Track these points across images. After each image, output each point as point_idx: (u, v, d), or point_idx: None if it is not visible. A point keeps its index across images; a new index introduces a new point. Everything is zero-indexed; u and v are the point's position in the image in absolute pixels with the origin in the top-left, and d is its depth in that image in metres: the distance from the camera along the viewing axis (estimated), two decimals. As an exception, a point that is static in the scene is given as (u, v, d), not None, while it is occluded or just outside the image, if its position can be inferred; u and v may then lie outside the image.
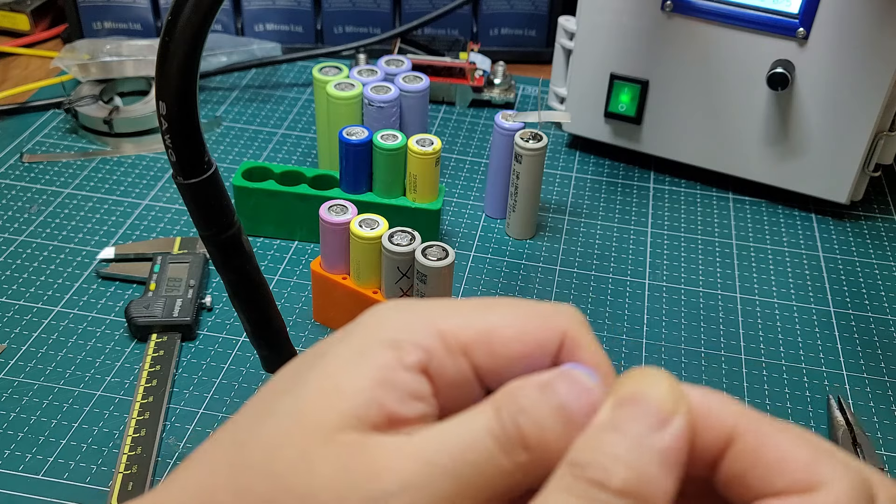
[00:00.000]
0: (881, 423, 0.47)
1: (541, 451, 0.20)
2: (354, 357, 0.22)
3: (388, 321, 0.22)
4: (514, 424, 0.20)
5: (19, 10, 0.79)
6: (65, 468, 0.42)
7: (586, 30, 0.62)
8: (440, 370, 0.22)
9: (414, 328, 0.22)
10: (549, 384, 0.20)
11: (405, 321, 0.22)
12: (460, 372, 0.22)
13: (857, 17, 0.54)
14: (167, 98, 0.31)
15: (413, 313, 0.23)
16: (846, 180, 0.59)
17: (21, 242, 0.56)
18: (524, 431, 0.20)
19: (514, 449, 0.20)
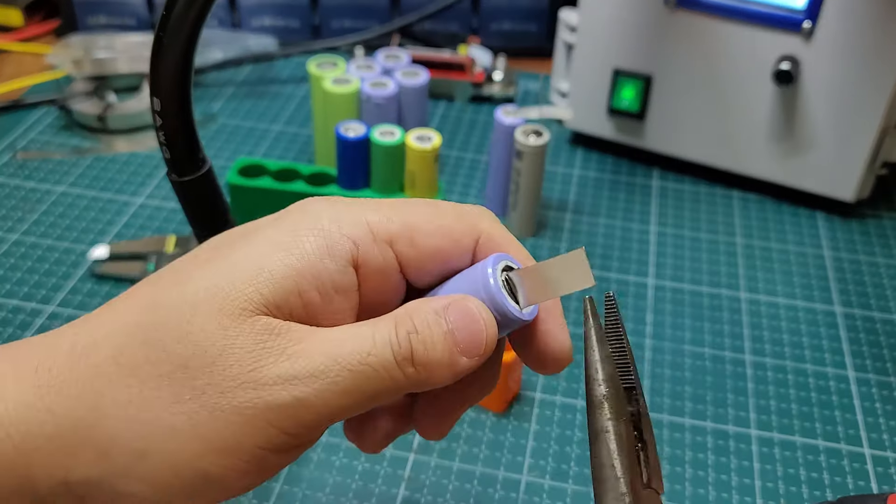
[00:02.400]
0: (887, 425, 0.46)
1: (426, 368, 0.23)
2: (283, 241, 0.24)
3: (320, 211, 0.24)
4: (407, 341, 0.22)
5: (12, 5, 0.78)
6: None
7: (588, 24, 0.61)
8: (367, 258, 0.24)
9: (344, 219, 0.24)
10: (442, 310, 0.23)
11: (336, 212, 0.24)
12: (386, 261, 0.24)
13: (863, 11, 0.54)
14: (161, 94, 0.31)
15: (343, 206, 0.24)
16: (852, 178, 0.59)
17: (15, 241, 0.55)
18: (414, 349, 0.22)
19: (405, 362, 0.22)
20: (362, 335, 0.22)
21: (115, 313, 0.23)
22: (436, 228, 0.24)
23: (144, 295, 0.23)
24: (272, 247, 0.23)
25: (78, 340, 0.23)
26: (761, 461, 0.44)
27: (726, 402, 0.47)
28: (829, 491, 0.43)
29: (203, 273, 0.23)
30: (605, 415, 0.23)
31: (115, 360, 0.22)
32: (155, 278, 0.24)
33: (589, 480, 0.43)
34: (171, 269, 0.24)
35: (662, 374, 0.49)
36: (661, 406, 0.47)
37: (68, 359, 0.22)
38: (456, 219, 0.25)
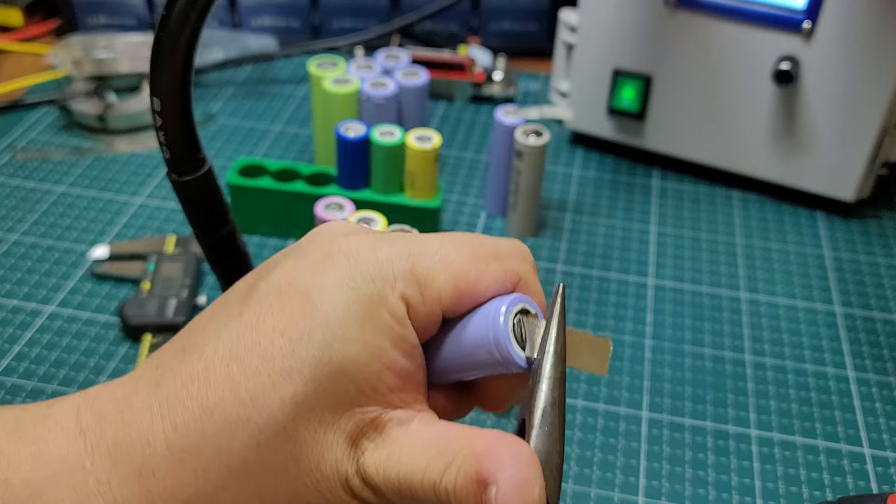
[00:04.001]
0: (887, 425, 0.46)
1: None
2: (353, 307, 0.23)
3: (366, 258, 0.24)
4: (449, 501, 0.22)
5: (12, 5, 0.78)
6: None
7: (588, 24, 0.61)
8: (416, 315, 0.24)
9: (394, 271, 0.23)
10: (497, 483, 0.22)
11: (383, 262, 0.24)
12: (431, 314, 0.24)
13: (863, 10, 0.54)
14: (161, 94, 0.31)
15: (388, 251, 0.24)
16: (853, 178, 0.59)
17: (14, 241, 0.55)
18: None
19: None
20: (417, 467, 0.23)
21: (205, 408, 0.23)
22: (481, 277, 0.24)
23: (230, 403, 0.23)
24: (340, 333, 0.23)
25: (171, 440, 0.22)
26: (761, 461, 0.44)
27: (726, 402, 0.47)
28: (829, 491, 0.43)
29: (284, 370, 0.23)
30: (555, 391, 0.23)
31: (226, 469, 0.22)
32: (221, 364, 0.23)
33: (588, 480, 0.43)
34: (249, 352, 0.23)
35: (662, 374, 0.48)
36: (661, 406, 0.47)
37: (171, 463, 0.22)
38: (502, 267, 0.25)
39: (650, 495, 0.42)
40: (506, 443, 0.23)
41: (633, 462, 0.44)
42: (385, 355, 0.23)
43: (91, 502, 0.22)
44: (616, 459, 0.44)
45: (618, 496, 0.42)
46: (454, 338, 0.25)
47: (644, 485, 0.43)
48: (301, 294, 0.23)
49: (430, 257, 0.24)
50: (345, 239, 0.24)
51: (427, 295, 0.24)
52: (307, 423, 0.22)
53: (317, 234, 0.25)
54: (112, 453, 0.22)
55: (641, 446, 0.44)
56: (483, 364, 0.25)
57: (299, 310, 0.23)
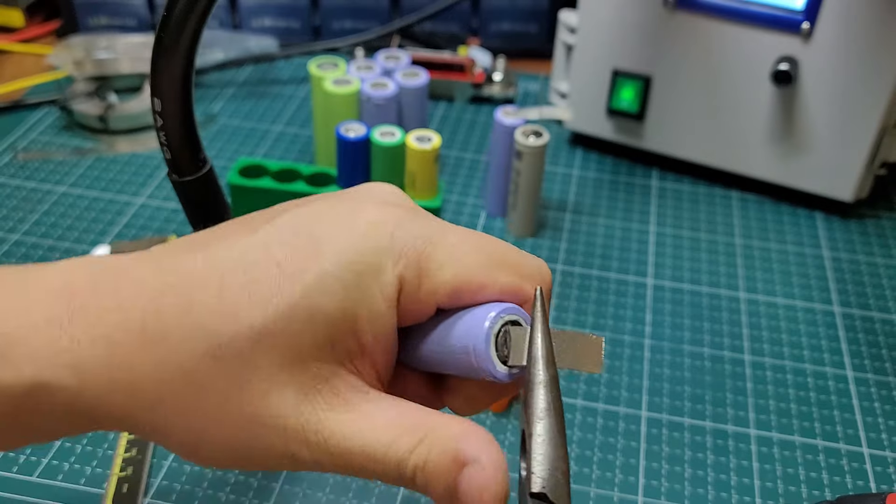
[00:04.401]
0: (886, 424, 0.47)
1: (422, 491, 0.23)
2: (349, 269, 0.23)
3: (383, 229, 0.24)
4: (415, 476, 0.23)
5: (13, 6, 0.78)
6: (59, 470, 0.41)
7: (588, 25, 0.61)
8: (405, 300, 0.24)
9: (402, 250, 0.24)
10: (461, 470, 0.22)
11: (397, 238, 0.24)
12: (422, 304, 0.24)
13: (862, 11, 0.54)
14: (162, 95, 0.31)
15: (407, 230, 0.24)
16: (851, 178, 0.59)
17: (15, 241, 0.55)
18: (417, 482, 0.23)
19: (404, 482, 0.23)
20: (378, 442, 0.23)
21: (187, 304, 0.23)
22: (486, 282, 0.24)
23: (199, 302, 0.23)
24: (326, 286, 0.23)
25: (148, 323, 0.23)
26: (760, 461, 0.44)
27: (725, 401, 0.47)
28: (828, 490, 0.43)
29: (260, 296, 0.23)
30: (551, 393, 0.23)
31: (181, 366, 0.23)
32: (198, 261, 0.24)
33: (588, 479, 0.43)
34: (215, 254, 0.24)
35: (661, 374, 0.49)
36: (660, 406, 0.47)
37: (139, 341, 0.23)
38: (512, 279, 0.24)
39: (649, 494, 0.42)
40: (480, 430, 0.23)
41: (633, 461, 0.44)
42: (356, 324, 0.23)
43: (59, 357, 0.23)
44: (615, 459, 0.44)
45: (617, 495, 0.42)
46: (442, 332, 0.25)
47: (643, 484, 0.43)
48: (313, 238, 0.24)
49: (443, 249, 0.24)
50: (376, 208, 0.25)
51: (425, 284, 0.24)
52: (264, 355, 0.23)
53: (363, 189, 0.26)
54: (94, 315, 0.23)
55: (641, 445, 0.45)
56: (461, 366, 0.24)
57: (303, 252, 0.23)
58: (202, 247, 0.24)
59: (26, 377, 0.23)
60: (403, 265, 0.24)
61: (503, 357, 0.24)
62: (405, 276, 0.24)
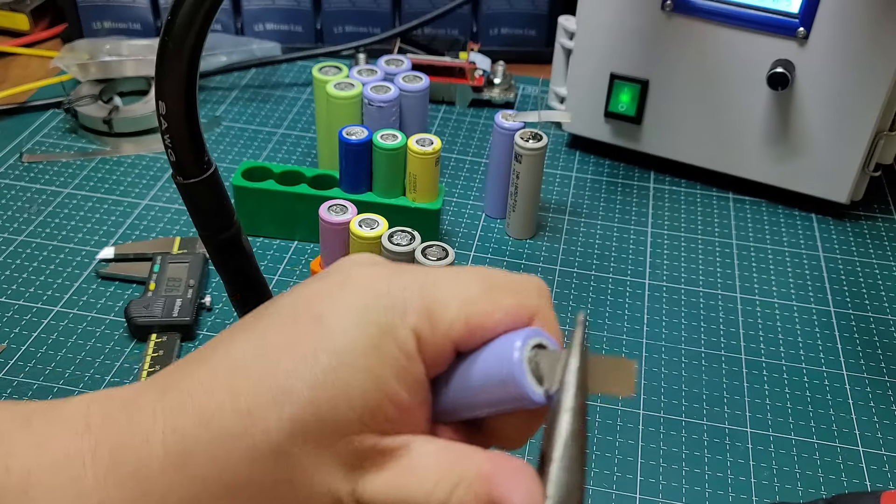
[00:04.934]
0: (881, 423, 0.47)
1: None
2: (361, 349, 0.23)
3: (380, 288, 0.24)
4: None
5: (19, 10, 0.79)
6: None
7: (586, 29, 0.62)
8: (425, 348, 0.23)
9: (406, 303, 0.23)
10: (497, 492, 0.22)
11: (396, 293, 0.23)
12: (441, 348, 0.24)
13: (857, 16, 0.54)
14: (167, 98, 0.31)
15: (402, 282, 0.24)
16: (846, 180, 0.59)
17: (21, 242, 0.55)
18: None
19: None
20: (423, 488, 0.23)
21: (204, 414, 0.23)
22: (494, 313, 0.24)
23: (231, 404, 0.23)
24: (344, 360, 0.23)
25: (168, 444, 0.23)
26: (756, 459, 0.45)
27: (722, 400, 0.48)
28: (824, 488, 0.44)
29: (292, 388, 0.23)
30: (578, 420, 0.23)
31: (218, 480, 0.23)
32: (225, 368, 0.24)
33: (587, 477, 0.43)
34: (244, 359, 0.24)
35: (659, 373, 0.49)
36: (657, 405, 0.47)
37: (166, 467, 0.23)
38: (517, 302, 0.24)
39: (646, 492, 0.43)
40: (514, 465, 0.23)
41: (630, 459, 0.44)
42: (387, 386, 0.23)
43: (86, 498, 0.22)
44: (613, 456, 0.44)
45: (615, 493, 0.43)
46: (465, 372, 0.24)
47: (640, 481, 0.43)
48: (313, 316, 0.23)
49: (442, 290, 0.24)
50: (363, 268, 0.25)
51: (437, 328, 0.23)
52: (303, 445, 0.22)
53: (340, 263, 0.26)
54: (112, 452, 0.23)
55: (638, 443, 0.45)
56: (497, 401, 0.24)
57: (309, 331, 0.23)
58: (202, 359, 0.24)
59: None
60: (414, 315, 0.23)
61: (539, 381, 0.23)
62: (417, 326, 0.23)
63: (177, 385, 0.23)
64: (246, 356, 0.23)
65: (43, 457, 0.23)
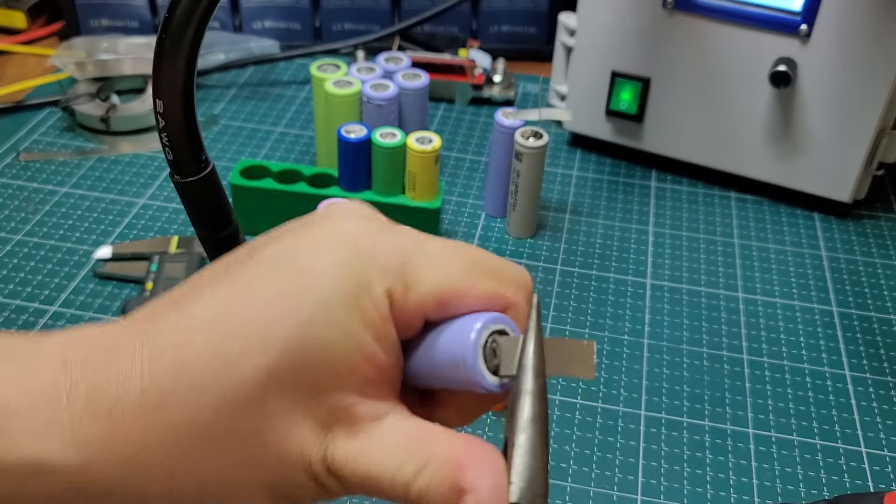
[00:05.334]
0: (884, 424, 0.47)
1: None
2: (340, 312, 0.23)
3: (364, 246, 0.24)
4: (420, 502, 0.23)
5: (16, 8, 0.78)
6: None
7: (587, 27, 0.62)
8: (396, 312, 0.23)
9: (385, 265, 0.23)
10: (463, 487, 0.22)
11: (378, 254, 0.23)
12: (411, 316, 0.24)
13: (859, 14, 0.54)
14: (164, 96, 0.31)
15: (387, 243, 0.24)
16: (849, 179, 0.59)
17: (18, 242, 0.55)
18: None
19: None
20: (388, 466, 0.23)
21: (181, 362, 0.23)
22: (472, 298, 0.24)
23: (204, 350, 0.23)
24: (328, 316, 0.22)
25: (146, 388, 0.23)
26: (758, 460, 0.45)
27: (724, 401, 0.48)
28: (826, 489, 0.43)
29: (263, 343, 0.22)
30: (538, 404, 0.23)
31: (191, 425, 0.23)
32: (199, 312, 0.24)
33: (587, 478, 0.43)
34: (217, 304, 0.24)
35: (660, 374, 0.49)
36: (658, 405, 0.47)
37: (141, 410, 0.23)
38: (493, 285, 0.24)
39: (648, 493, 0.43)
40: (482, 450, 0.23)
41: (632, 460, 0.44)
42: (366, 347, 0.23)
43: (60, 434, 0.22)
44: (614, 458, 0.44)
45: (616, 494, 0.42)
46: (429, 345, 0.24)
47: (642, 483, 0.43)
48: (297, 268, 0.23)
49: (424, 259, 0.24)
50: (350, 223, 0.24)
51: (411, 296, 0.23)
52: (277, 397, 0.22)
53: (330, 210, 0.26)
54: (89, 390, 0.23)
55: (639, 444, 0.45)
56: (451, 379, 0.24)
57: (292, 283, 0.23)
58: (184, 303, 0.24)
59: (28, 454, 0.22)
60: (391, 278, 0.23)
61: (493, 367, 0.23)
62: (393, 289, 0.23)
63: (158, 328, 0.23)
64: (227, 304, 0.23)
65: (20, 392, 0.23)
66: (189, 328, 0.23)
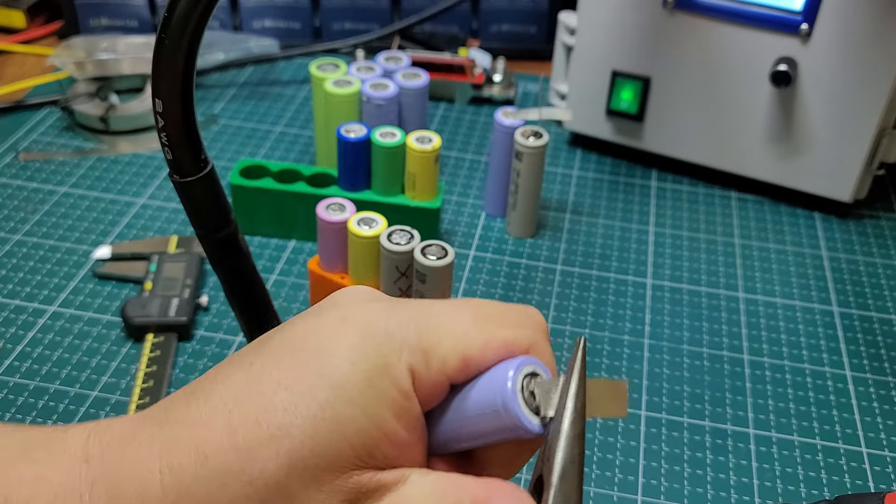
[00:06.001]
0: (885, 424, 0.47)
1: None
2: (359, 373, 0.23)
3: (376, 326, 0.24)
4: None
5: (15, 7, 0.78)
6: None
7: (587, 26, 0.62)
8: (420, 385, 0.23)
9: (401, 341, 0.23)
10: None
11: (392, 331, 0.24)
12: (436, 383, 0.24)
13: (860, 13, 0.54)
14: (163, 96, 0.31)
15: (397, 319, 0.24)
16: (850, 178, 0.59)
17: (17, 242, 0.55)
18: None
19: None
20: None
21: (202, 455, 0.23)
22: (491, 351, 0.24)
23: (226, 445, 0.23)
24: (345, 397, 0.22)
25: (166, 483, 0.23)
26: (759, 460, 0.44)
27: (724, 401, 0.47)
28: (827, 489, 0.43)
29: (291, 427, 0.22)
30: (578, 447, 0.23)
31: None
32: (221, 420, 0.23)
33: (587, 478, 0.43)
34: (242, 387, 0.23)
35: (661, 374, 0.49)
36: (659, 405, 0.47)
37: (159, 502, 0.22)
38: (510, 332, 0.24)
39: (648, 493, 0.42)
40: (507, 489, 0.23)
41: (632, 460, 0.44)
42: (386, 425, 0.23)
43: None
44: (615, 458, 0.44)
45: (616, 494, 0.42)
46: (459, 405, 0.24)
47: (642, 483, 0.43)
48: (311, 353, 0.23)
49: (436, 325, 0.24)
50: (360, 305, 0.25)
51: (432, 363, 0.23)
52: (300, 481, 0.22)
53: (337, 298, 0.26)
54: (109, 487, 0.23)
55: (640, 445, 0.45)
56: (490, 431, 0.24)
57: (307, 368, 0.23)
58: (200, 393, 0.24)
59: None
60: (408, 353, 0.23)
61: (534, 409, 0.23)
62: (413, 363, 0.23)
63: (175, 420, 0.23)
64: (244, 392, 0.23)
65: (40, 488, 0.22)
66: (207, 417, 0.23)
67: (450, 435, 0.25)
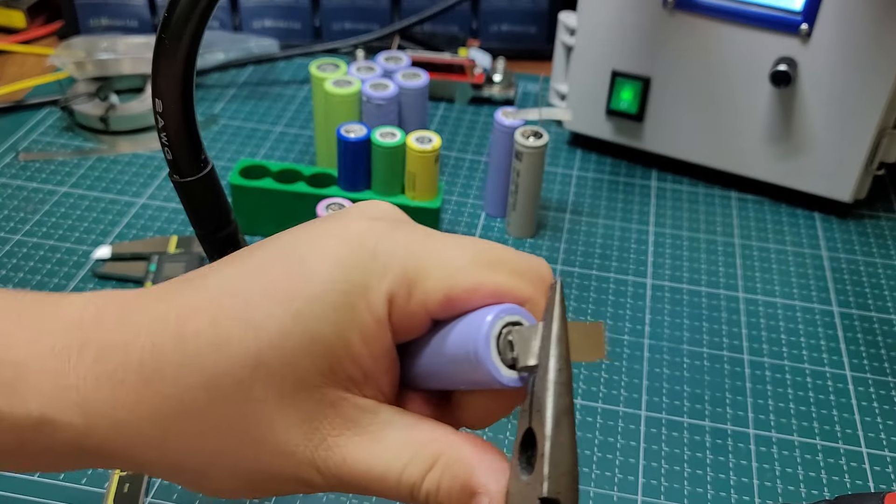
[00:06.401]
0: (885, 424, 0.47)
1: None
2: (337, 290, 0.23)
3: (368, 245, 0.23)
4: (427, 502, 0.23)
5: (15, 7, 0.78)
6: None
7: (587, 26, 0.62)
8: (397, 315, 0.23)
9: (386, 265, 0.23)
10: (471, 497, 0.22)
11: (380, 254, 0.23)
12: (415, 317, 0.23)
13: (860, 13, 0.54)
14: (163, 96, 0.31)
15: (390, 243, 0.23)
16: (850, 179, 0.59)
17: (17, 242, 0.55)
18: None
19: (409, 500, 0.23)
20: (394, 466, 0.23)
21: (182, 336, 0.23)
22: (478, 285, 0.22)
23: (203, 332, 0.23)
24: (318, 311, 0.22)
25: (145, 357, 0.23)
26: (759, 460, 0.44)
27: (724, 401, 0.47)
28: (827, 489, 0.43)
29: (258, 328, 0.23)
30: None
31: (180, 401, 0.23)
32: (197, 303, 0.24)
33: (587, 478, 0.43)
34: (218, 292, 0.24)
35: (661, 374, 0.49)
36: (659, 405, 0.47)
37: (139, 378, 0.23)
38: (506, 278, 0.23)
39: (648, 494, 0.42)
40: (490, 451, 0.22)
41: (632, 461, 0.44)
42: (352, 347, 0.22)
43: (65, 394, 0.23)
44: (615, 458, 0.44)
45: (616, 494, 0.42)
46: (439, 343, 0.23)
47: (642, 483, 0.43)
48: (299, 261, 0.23)
49: (428, 257, 0.23)
50: (359, 222, 0.24)
51: (413, 295, 0.23)
52: (263, 386, 0.22)
53: (348, 210, 0.26)
54: (97, 352, 0.23)
55: (640, 445, 0.45)
56: (464, 377, 0.23)
57: (290, 275, 0.23)
58: (199, 281, 0.24)
59: (33, 411, 0.22)
60: (390, 280, 0.22)
61: (509, 361, 0.22)
62: (393, 291, 0.22)
63: (169, 300, 0.24)
64: (233, 288, 0.23)
65: (34, 349, 0.23)
66: (196, 304, 0.23)
67: (427, 371, 0.24)
